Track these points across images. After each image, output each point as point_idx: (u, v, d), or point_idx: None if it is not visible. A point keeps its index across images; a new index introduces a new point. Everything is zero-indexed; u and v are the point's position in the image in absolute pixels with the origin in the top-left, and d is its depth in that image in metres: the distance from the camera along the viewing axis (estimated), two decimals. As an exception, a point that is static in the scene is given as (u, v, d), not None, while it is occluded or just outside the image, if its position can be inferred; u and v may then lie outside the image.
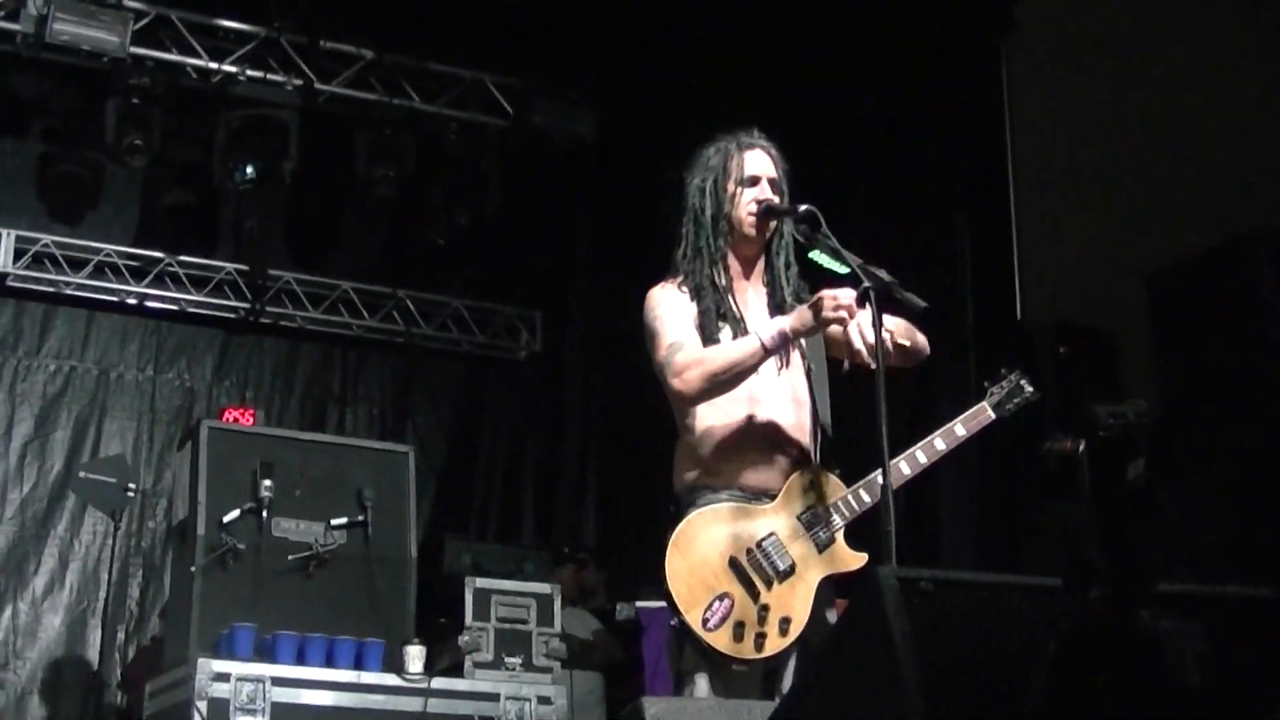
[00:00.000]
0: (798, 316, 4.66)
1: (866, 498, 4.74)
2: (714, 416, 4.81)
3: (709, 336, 4.79)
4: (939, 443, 4.88)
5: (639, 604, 9.39)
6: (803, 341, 4.86)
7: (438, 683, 7.37)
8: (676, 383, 4.72)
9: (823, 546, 4.72)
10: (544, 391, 12.55)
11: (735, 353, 4.70)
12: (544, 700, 7.57)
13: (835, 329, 4.65)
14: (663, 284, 4.95)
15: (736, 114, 5.28)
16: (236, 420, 9.90)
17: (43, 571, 10.94)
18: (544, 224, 12.31)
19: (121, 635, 10.71)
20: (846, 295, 4.56)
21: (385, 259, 12.17)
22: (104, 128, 10.59)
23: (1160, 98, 7.99)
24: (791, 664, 4.71)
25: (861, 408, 4.49)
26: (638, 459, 10.83)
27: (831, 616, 4.75)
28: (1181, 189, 7.78)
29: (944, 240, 9.16)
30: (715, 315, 4.82)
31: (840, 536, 4.74)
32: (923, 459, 4.85)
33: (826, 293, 4.62)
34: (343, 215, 11.94)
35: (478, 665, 7.58)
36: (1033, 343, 8.13)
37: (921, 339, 4.91)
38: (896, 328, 4.77)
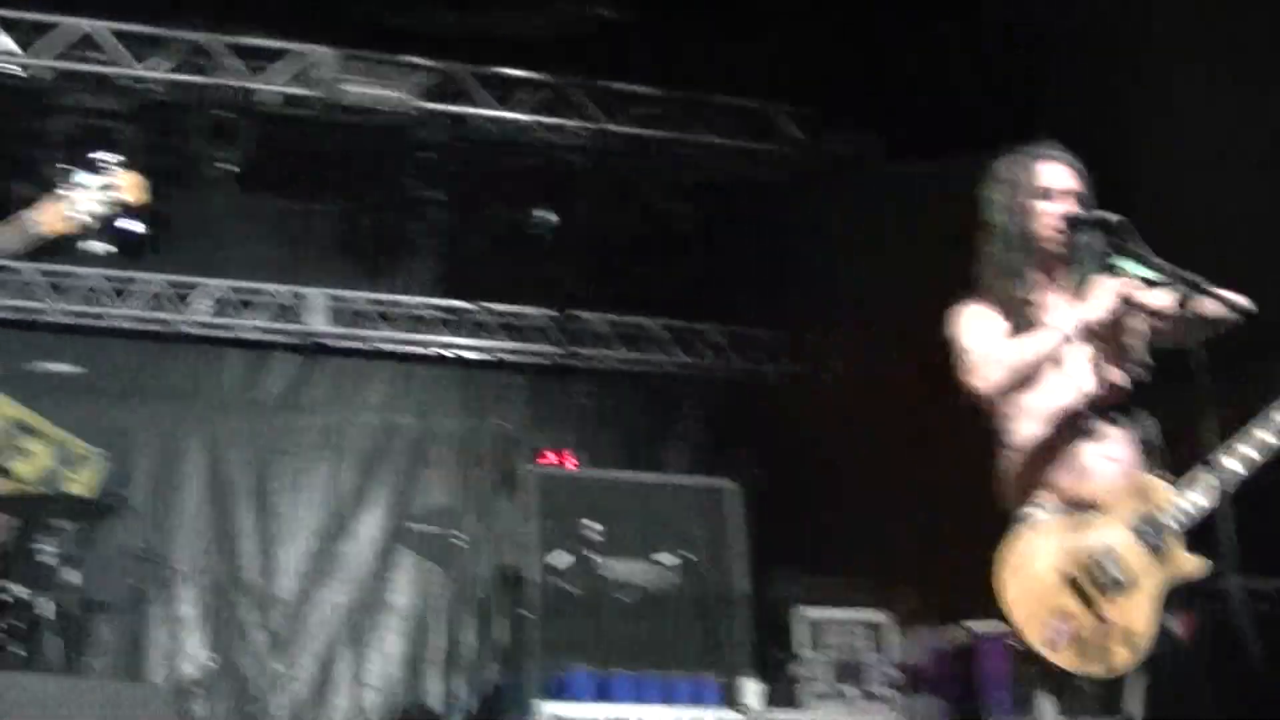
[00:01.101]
0: (1095, 302, 4.61)
1: (1203, 501, 4.56)
2: (1033, 428, 4.72)
3: None
4: (1272, 436, 4.69)
5: (972, 625, 9.21)
6: (1125, 345, 4.74)
7: (776, 716, 7.33)
8: (976, 380, 4.68)
9: (1160, 554, 4.55)
10: (859, 414, 12.39)
11: (1032, 343, 4.65)
12: (884, 730, 7.49)
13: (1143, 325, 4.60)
14: (968, 301, 4.89)
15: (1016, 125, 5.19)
16: (559, 464, 10.00)
17: (377, 624, 11.20)
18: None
19: (459, 683, 10.85)
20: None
21: (693, 294, 12.12)
22: (403, 183, 10.77)
23: None
24: (1135, 680, 4.56)
25: (1176, 405, 4.36)
26: (960, 478, 10.60)
27: (1176, 627, 4.60)
28: None
29: None
30: (1022, 329, 4.73)
31: (1177, 542, 4.58)
32: (1255, 456, 4.66)
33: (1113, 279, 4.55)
34: (648, 254, 11.92)
35: (815, 696, 7.52)
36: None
37: (1221, 308, 4.65)
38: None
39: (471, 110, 10.73)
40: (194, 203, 11.12)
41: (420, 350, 11.89)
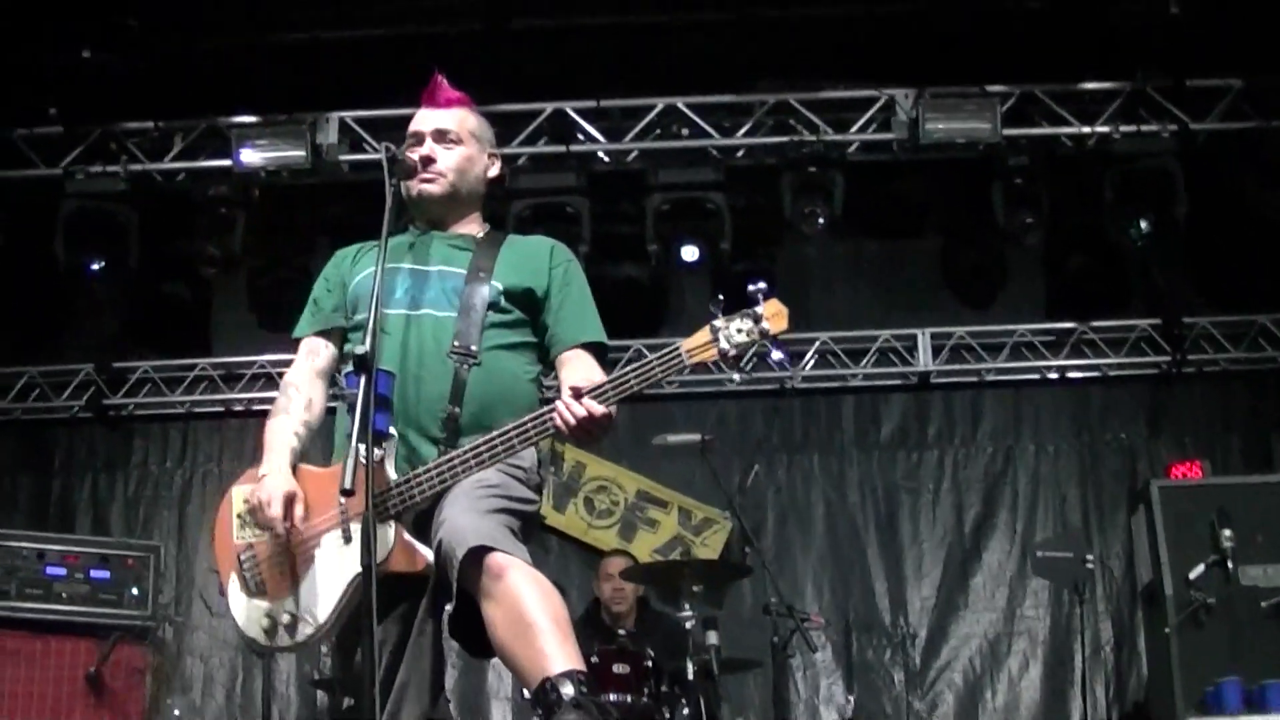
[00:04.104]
0: None
1: None
2: None
3: None
4: None
5: None
6: None
7: None
8: None
9: None
10: None
11: None
12: None
13: None
14: None
15: None
16: (1185, 474, 9.77)
17: (1015, 652, 11.17)
18: None
19: (1100, 705, 10.66)
20: None
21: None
22: (993, 211, 10.76)
23: None
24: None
25: None
26: None
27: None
28: None
29: None
30: None
31: None
32: None
33: None
34: (1246, 248, 11.46)
35: None
36: None
37: None
38: None
39: (1051, 130, 10.67)
40: (790, 259, 11.48)
41: (1029, 376, 11.83)
